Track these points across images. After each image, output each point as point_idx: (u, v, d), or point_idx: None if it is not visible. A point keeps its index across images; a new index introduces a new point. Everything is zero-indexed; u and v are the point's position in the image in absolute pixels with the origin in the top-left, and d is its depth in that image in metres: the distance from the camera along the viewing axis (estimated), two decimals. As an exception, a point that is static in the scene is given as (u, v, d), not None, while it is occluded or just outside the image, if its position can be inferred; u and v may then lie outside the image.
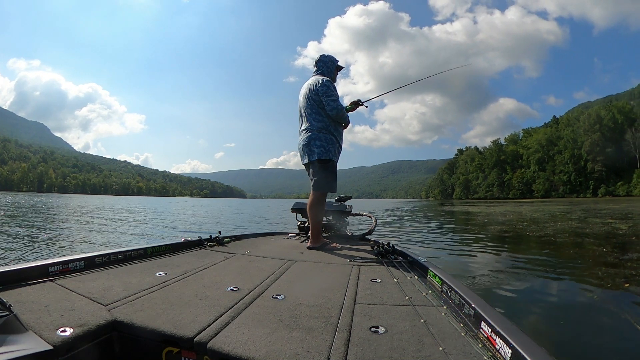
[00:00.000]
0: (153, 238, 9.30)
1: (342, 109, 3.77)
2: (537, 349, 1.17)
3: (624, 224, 11.37)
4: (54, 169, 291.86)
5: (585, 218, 14.91)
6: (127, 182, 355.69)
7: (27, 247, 6.59)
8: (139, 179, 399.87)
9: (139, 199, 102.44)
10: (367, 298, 1.96)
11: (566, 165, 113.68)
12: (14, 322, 1.30)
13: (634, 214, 17.46)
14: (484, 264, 5.50)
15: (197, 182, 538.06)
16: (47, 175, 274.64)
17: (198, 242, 3.63)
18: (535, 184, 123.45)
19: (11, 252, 6.08)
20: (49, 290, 1.87)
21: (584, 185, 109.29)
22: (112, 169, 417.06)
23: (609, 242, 7.51)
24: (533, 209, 27.15)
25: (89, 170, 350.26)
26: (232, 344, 1.33)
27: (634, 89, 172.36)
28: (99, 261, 2.47)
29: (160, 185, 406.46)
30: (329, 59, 4.00)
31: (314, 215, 3.75)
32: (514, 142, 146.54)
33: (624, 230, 9.73)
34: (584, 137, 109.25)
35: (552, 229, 10.34)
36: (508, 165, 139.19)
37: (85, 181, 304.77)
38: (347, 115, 3.88)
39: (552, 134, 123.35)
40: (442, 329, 1.52)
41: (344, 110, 3.79)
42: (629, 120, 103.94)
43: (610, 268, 4.77)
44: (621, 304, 3.43)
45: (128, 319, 1.54)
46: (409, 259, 2.88)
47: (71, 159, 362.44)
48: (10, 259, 5.57)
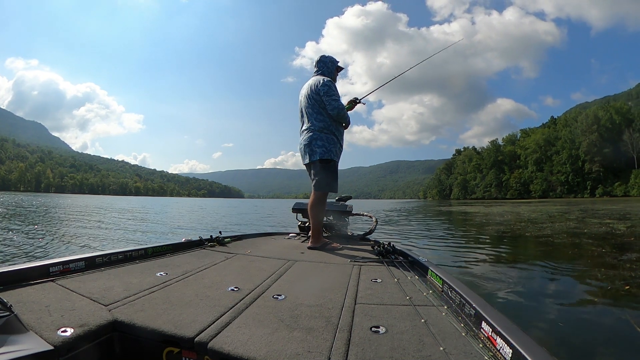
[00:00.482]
0: (153, 238, 9.28)
1: (343, 108, 3.78)
2: (538, 349, 1.16)
3: (622, 225, 11.38)
4: (52, 168, 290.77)
5: (583, 218, 14.94)
6: (124, 182, 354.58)
7: (25, 247, 6.59)
8: (137, 178, 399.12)
9: (137, 199, 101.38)
10: (368, 298, 1.96)
11: (564, 166, 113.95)
12: (15, 322, 1.30)
13: (632, 214, 17.51)
14: (484, 265, 5.51)
15: (195, 182, 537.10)
16: (45, 175, 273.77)
17: (198, 242, 3.62)
18: (532, 184, 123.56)
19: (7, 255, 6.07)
20: (50, 291, 1.86)
21: (582, 185, 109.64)
22: (109, 169, 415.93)
23: (607, 242, 7.52)
24: (531, 209, 27.17)
25: (86, 170, 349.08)
26: (233, 344, 1.33)
27: (631, 90, 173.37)
28: (100, 261, 2.47)
29: (158, 185, 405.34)
30: (329, 60, 4.00)
31: (315, 215, 3.75)
32: (511, 142, 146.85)
33: (622, 230, 9.74)
34: (581, 138, 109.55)
35: (551, 229, 10.36)
36: (506, 165, 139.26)
37: (82, 181, 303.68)
38: (348, 115, 3.89)
39: (550, 135, 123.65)
40: (442, 329, 1.52)
41: (344, 110, 3.80)
42: (626, 121, 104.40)
43: (609, 269, 4.77)
44: (621, 304, 3.44)
45: (129, 319, 1.54)
46: (409, 258, 2.88)
47: (69, 159, 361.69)
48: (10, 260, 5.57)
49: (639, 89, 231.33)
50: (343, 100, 3.88)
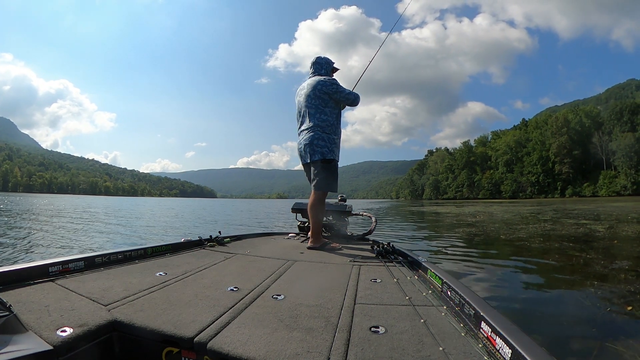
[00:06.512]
0: (153, 238, 9.21)
1: (357, 95, 3.93)
2: (537, 349, 1.17)
3: (599, 225, 11.37)
4: (20, 167, 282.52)
5: (558, 219, 14.85)
6: (94, 181, 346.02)
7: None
8: (107, 178, 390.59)
9: (97, 199, 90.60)
10: (367, 298, 1.97)
11: (535, 167, 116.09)
12: (14, 322, 1.30)
13: (605, 214, 17.75)
14: (483, 265, 5.54)
15: (166, 182, 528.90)
16: (13, 173, 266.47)
17: (198, 242, 3.62)
18: (503, 185, 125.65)
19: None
20: (49, 291, 1.86)
21: (552, 186, 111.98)
22: (80, 168, 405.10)
23: (589, 245, 7.42)
24: (503, 209, 27.26)
25: (55, 168, 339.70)
26: (232, 344, 1.34)
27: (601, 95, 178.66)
28: (99, 261, 2.47)
29: (129, 185, 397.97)
30: (325, 61, 4.03)
31: (315, 215, 3.74)
32: (483, 144, 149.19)
33: (602, 232, 9.65)
34: (552, 140, 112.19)
35: (526, 232, 9.89)
36: (478, 166, 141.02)
37: (52, 180, 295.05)
38: (359, 96, 3.99)
39: (521, 136, 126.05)
40: (442, 329, 1.53)
41: (358, 96, 3.94)
42: (596, 124, 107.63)
43: (601, 274, 4.72)
44: (619, 301, 3.48)
45: (128, 319, 1.53)
46: (409, 258, 2.89)
47: (38, 157, 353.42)
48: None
49: (608, 93, 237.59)
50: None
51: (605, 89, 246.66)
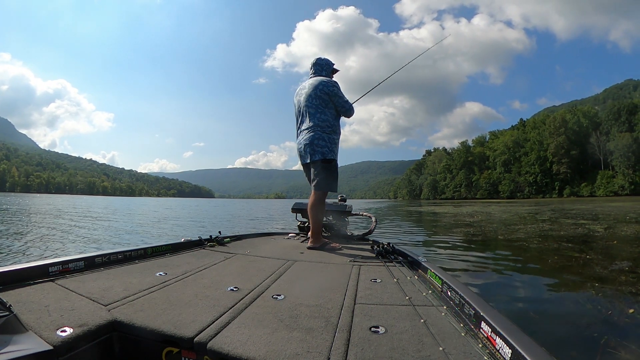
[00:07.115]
0: (153, 238, 9.16)
1: (352, 107, 3.95)
2: (537, 348, 1.17)
3: (598, 226, 11.33)
4: (17, 167, 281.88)
5: (557, 219, 14.82)
6: (92, 181, 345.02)
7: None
8: (104, 178, 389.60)
9: (93, 199, 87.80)
10: (367, 298, 1.96)
11: (532, 167, 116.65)
12: (14, 322, 1.30)
13: (603, 214, 17.69)
14: (480, 266, 5.53)
15: (164, 182, 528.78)
16: (10, 173, 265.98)
17: (198, 242, 3.62)
18: (501, 185, 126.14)
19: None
20: (49, 290, 1.86)
21: (550, 186, 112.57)
22: (77, 168, 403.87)
23: (588, 245, 7.43)
24: (501, 209, 27.24)
25: (53, 168, 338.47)
26: (232, 344, 1.33)
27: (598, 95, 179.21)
28: (99, 261, 2.47)
29: (126, 185, 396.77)
30: (325, 62, 4.04)
31: (315, 215, 3.74)
32: (481, 144, 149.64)
33: (600, 232, 9.63)
34: (549, 140, 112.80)
35: (524, 232, 9.94)
36: (475, 166, 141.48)
37: (49, 180, 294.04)
38: (353, 108, 4.00)
39: (519, 136, 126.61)
40: (442, 329, 1.53)
41: (352, 107, 3.96)
42: (593, 124, 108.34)
43: (601, 275, 4.67)
44: (620, 304, 3.47)
45: (128, 319, 1.53)
46: (409, 258, 2.89)
47: (35, 157, 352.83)
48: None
49: (606, 94, 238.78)
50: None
51: (603, 89, 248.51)
